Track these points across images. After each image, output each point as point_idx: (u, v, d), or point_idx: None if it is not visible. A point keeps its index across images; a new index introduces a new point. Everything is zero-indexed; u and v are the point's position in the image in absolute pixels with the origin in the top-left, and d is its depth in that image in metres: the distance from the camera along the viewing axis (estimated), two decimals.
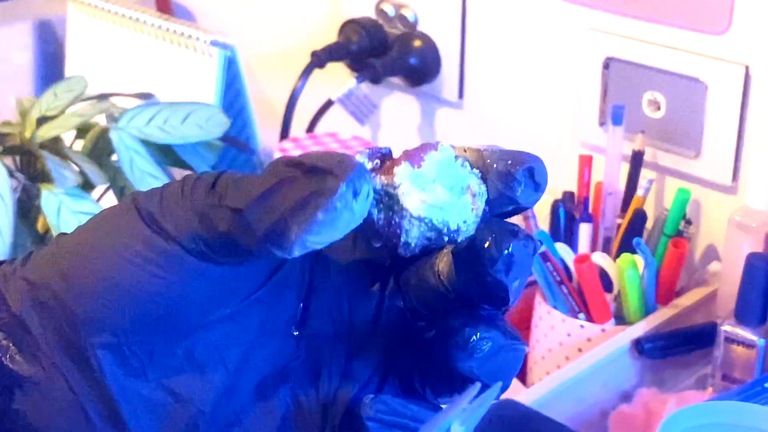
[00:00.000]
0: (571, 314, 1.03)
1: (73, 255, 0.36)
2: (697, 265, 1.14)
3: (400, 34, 1.33)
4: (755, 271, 0.93)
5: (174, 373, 0.37)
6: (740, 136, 1.08)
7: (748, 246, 0.99)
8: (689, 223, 1.09)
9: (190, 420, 0.37)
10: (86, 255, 0.36)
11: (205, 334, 0.37)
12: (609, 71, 1.15)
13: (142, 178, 0.98)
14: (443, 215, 0.36)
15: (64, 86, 1.06)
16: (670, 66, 1.10)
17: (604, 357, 0.97)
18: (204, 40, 1.28)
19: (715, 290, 1.07)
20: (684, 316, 1.04)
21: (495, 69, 1.28)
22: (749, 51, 1.05)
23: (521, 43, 1.24)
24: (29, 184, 1.00)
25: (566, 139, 1.23)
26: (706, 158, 1.10)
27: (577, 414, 0.95)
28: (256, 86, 1.43)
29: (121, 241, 0.35)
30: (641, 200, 1.08)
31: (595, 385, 0.97)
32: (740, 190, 1.09)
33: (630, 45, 1.13)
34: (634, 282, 1.01)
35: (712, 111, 1.08)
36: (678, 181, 1.13)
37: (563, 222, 1.09)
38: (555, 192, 1.15)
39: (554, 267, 1.02)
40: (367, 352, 0.39)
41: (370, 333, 0.40)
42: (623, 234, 1.08)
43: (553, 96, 1.23)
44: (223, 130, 1.04)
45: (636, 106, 1.13)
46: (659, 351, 1.00)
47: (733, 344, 0.94)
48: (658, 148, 1.14)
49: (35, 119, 1.02)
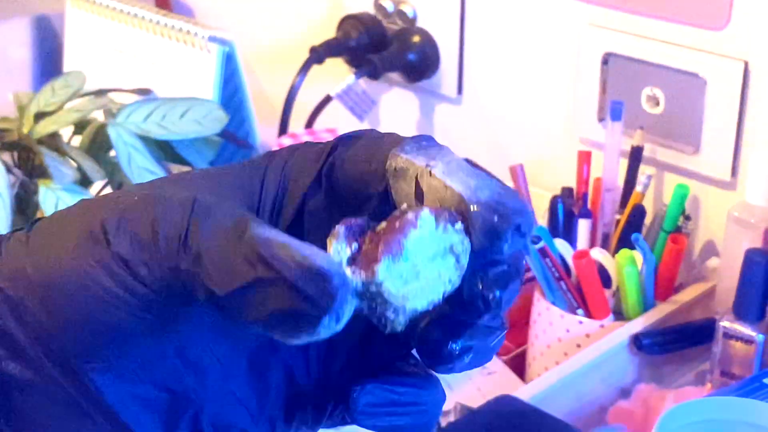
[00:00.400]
0: (569, 310, 1.03)
1: (49, 286, 0.36)
2: (695, 261, 1.14)
3: (399, 29, 1.33)
4: (754, 266, 0.93)
5: (167, 373, 0.37)
6: (739, 132, 1.08)
7: (746, 242, 0.99)
8: (688, 219, 1.09)
9: (189, 412, 0.38)
10: (64, 291, 0.36)
11: (192, 335, 0.37)
12: (608, 67, 1.15)
13: (140, 173, 0.98)
14: (429, 296, 0.35)
15: (62, 82, 1.06)
16: (669, 62, 1.10)
17: (603, 353, 0.97)
18: (202, 35, 1.28)
19: (714, 286, 1.07)
20: (683, 311, 1.04)
21: (494, 65, 1.28)
22: (748, 47, 1.05)
23: (520, 39, 1.24)
24: (27, 180, 1.00)
25: (565, 134, 1.23)
26: (705, 154, 1.10)
27: (575, 409, 0.95)
28: (254, 82, 1.43)
29: (100, 284, 0.35)
30: (640, 196, 1.08)
31: (594, 380, 0.97)
32: (739, 186, 1.09)
33: (629, 41, 1.13)
34: (633, 278, 1.01)
35: (711, 107, 1.08)
36: (677, 177, 1.13)
37: (562, 218, 1.09)
38: (554, 188, 1.15)
39: (553, 263, 1.02)
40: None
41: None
42: (622, 230, 1.07)
43: (551, 92, 1.23)
44: (221, 125, 1.04)
45: (635, 102, 1.13)
46: (658, 347, 1.00)
47: (732, 340, 0.94)
48: (657, 144, 1.14)
49: (33, 115, 1.02)
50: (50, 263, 0.36)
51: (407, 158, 0.37)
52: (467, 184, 0.36)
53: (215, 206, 0.36)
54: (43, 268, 0.36)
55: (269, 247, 0.33)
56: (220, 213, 0.35)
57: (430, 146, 0.38)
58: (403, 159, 0.37)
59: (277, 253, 0.33)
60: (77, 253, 0.36)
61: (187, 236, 0.35)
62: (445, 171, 0.36)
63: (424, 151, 0.37)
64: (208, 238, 0.34)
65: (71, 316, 0.36)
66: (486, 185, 0.36)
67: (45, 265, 0.36)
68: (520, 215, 0.36)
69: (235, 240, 0.34)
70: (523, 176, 1.09)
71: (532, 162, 1.20)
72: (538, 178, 1.22)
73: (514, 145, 1.28)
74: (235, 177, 0.39)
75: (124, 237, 0.35)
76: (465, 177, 0.36)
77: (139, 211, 0.35)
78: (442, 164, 0.36)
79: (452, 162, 0.37)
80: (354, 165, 0.38)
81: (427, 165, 0.36)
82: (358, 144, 0.39)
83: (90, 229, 0.36)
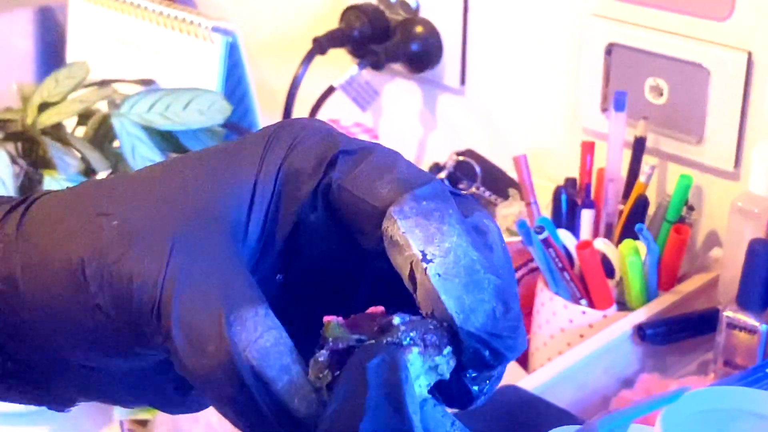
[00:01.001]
0: (572, 300, 1.03)
1: (32, 307, 0.37)
2: (699, 251, 1.14)
3: (402, 20, 1.33)
4: (757, 256, 0.93)
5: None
6: (742, 122, 1.08)
7: (750, 232, 0.99)
8: (691, 209, 1.09)
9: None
10: (47, 318, 0.37)
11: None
12: (611, 57, 1.15)
13: (144, 164, 0.98)
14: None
15: (66, 72, 1.06)
16: (672, 52, 1.10)
17: (606, 343, 0.98)
18: (205, 26, 1.28)
19: (717, 276, 1.07)
20: (686, 302, 1.04)
21: (497, 55, 1.28)
22: (752, 37, 1.05)
23: (523, 30, 1.24)
24: (31, 170, 1.00)
25: (568, 125, 1.23)
26: (709, 144, 1.10)
27: (578, 400, 0.95)
28: (257, 72, 1.43)
29: (92, 334, 0.36)
30: (643, 186, 1.08)
31: (597, 370, 0.97)
32: (742, 176, 1.09)
33: (632, 31, 1.13)
34: (636, 268, 1.01)
35: (714, 97, 1.08)
36: (680, 167, 1.13)
37: (565, 208, 1.09)
38: (557, 178, 1.15)
39: (556, 253, 1.02)
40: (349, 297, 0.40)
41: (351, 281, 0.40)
42: (625, 220, 1.08)
43: (555, 82, 1.23)
44: (224, 116, 1.04)
45: (638, 92, 1.13)
46: (661, 337, 1.00)
47: (735, 330, 0.94)
48: (660, 135, 1.14)
49: (37, 105, 1.02)
50: (37, 289, 0.37)
51: (404, 234, 0.36)
52: (461, 304, 0.35)
53: (193, 261, 0.35)
54: (32, 290, 0.37)
55: (244, 369, 0.33)
56: (198, 274, 0.35)
57: (431, 213, 0.36)
58: (399, 233, 0.36)
59: (253, 382, 0.34)
60: (62, 290, 0.36)
61: (159, 308, 0.35)
62: (441, 274, 0.35)
63: (423, 220, 0.36)
64: (178, 321, 0.34)
65: (52, 344, 0.37)
66: (480, 305, 0.35)
67: (33, 286, 0.37)
68: (512, 351, 0.36)
69: (210, 337, 0.34)
70: (526, 167, 1.09)
71: (536, 152, 1.20)
72: (541, 168, 1.22)
73: (518, 136, 1.28)
74: (228, 168, 0.38)
75: (102, 288, 0.36)
76: (460, 288, 0.35)
77: (117, 253, 0.35)
78: (439, 258, 0.36)
79: (450, 254, 0.36)
80: (350, 196, 0.37)
81: (424, 255, 0.36)
82: (358, 172, 0.38)
83: (71, 267, 0.36)
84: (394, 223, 0.36)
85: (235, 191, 0.37)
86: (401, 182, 0.37)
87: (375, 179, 0.37)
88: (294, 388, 0.34)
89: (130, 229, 0.35)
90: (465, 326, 0.35)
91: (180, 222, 0.35)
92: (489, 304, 0.35)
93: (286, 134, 0.38)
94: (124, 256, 0.35)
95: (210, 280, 0.34)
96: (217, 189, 0.37)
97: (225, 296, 0.34)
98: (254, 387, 0.33)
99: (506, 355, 0.36)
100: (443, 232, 0.36)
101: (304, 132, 0.38)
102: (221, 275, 0.35)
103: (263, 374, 0.33)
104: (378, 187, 0.37)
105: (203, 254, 0.35)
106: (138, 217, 0.36)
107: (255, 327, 0.34)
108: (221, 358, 0.33)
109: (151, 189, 0.37)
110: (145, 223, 0.35)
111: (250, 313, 0.34)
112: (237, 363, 0.33)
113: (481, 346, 0.35)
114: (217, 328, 0.34)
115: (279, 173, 0.38)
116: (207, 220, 0.36)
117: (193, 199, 0.36)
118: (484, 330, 0.35)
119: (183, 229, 0.35)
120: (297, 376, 0.34)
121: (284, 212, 0.38)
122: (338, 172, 0.38)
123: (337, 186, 0.37)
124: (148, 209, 0.36)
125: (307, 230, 0.39)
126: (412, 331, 0.35)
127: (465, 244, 0.36)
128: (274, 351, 0.34)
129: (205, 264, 0.35)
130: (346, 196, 0.37)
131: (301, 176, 0.38)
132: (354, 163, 0.38)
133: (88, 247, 0.36)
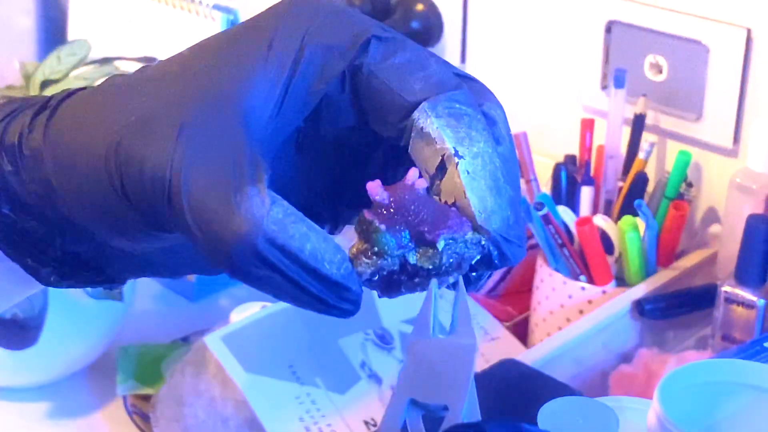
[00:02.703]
0: (572, 276, 1.04)
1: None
2: (697, 228, 1.15)
3: None
4: (755, 232, 0.93)
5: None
6: (741, 99, 1.08)
7: (748, 208, 1.00)
8: (690, 186, 1.10)
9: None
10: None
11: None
12: (611, 34, 1.15)
13: None
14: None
15: (68, 50, 1.06)
16: (672, 29, 1.10)
17: (605, 318, 0.98)
18: (207, 3, 1.28)
19: (716, 252, 1.07)
20: (685, 277, 1.05)
21: (497, 33, 1.28)
22: (751, 13, 1.06)
23: (523, 7, 1.24)
24: None
25: (568, 102, 1.23)
26: (708, 121, 1.11)
27: (577, 374, 0.96)
28: None
29: (121, 220, 0.38)
30: (642, 163, 1.09)
31: (596, 346, 0.98)
32: (741, 153, 1.10)
33: (632, 8, 1.13)
34: (635, 244, 1.02)
35: (713, 74, 1.09)
36: (679, 144, 1.13)
37: (565, 185, 1.09)
38: (557, 155, 1.15)
39: (556, 230, 1.02)
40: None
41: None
42: (624, 197, 1.08)
43: (555, 60, 1.23)
44: None
45: (638, 70, 1.14)
46: (660, 312, 1.01)
47: (733, 305, 0.95)
48: (659, 111, 1.14)
49: (39, 83, 1.02)
50: (71, 187, 0.38)
51: (437, 129, 0.38)
52: (484, 204, 0.37)
53: (201, 143, 0.36)
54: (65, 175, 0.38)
55: (261, 244, 0.34)
56: (205, 156, 0.35)
57: (461, 117, 0.38)
58: (433, 127, 0.38)
59: (278, 255, 0.34)
60: (92, 185, 0.38)
61: (171, 192, 0.36)
62: (469, 172, 0.37)
63: (455, 122, 0.38)
64: (188, 203, 0.35)
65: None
66: (499, 210, 0.37)
67: (67, 186, 0.38)
68: (516, 257, 0.38)
69: (220, 217, 0.34)
70: (526, 144, 1.09)
71: (536, 130, 1.21)
72: (541, 145, 1.22)
73: (518, 113, 1.28)
74: (241, 46, 0.38)
75: (121, 176, 0.37)
76: (485, 190, 0.37)
77: (130, 141, 0.36)
78: (469, 158, 0.37)
79: (478, 157, 0.37)
80: (381, 84, 0.38)
81: (456, 151, 0.37)
82: (392, 63, 0.38)
83: (97, 164, 0.37)
84: (428, 118, 0.37)
85: (248, 70, 0.37)
86: (435, 82, 0.38)
87: (408, 74, 0.38)
88: (320, 253, 0.34)
89: (144, 119, 0.37)
90: (485, 225, 0.37)
91: (190, 107, 0.36)
92: (505, 212, 0.37)
93: (300, 10, 0.38)
94: (136, 143, 0.36)
95: (217, 160, 0.35)
96: (230, 69, 0.37)
97: (232, 175, 0.35)
98: (277, 259, 0.34)
99: (511, 260, 0.38)
100: (471, 137, 0.38)
101: (326, 9, 0.38)
102: (228, 155, 0.35)
103: (286, 246, 0.34)
104: (411, 82, 0.38)
105: (212, 136, 0.36)
106: (152, 106, 0.37)
107: (262, 202, 0.34)
108: (236, 236, 0.34)
109: (166, 79, 0.38)
110: (158, 111, 0.37)
111: (254, 191, 0.35)
112: (254, 238, 0.34)
113: (494, 247, 0.37)
114: (225, 207, 0.34)
115: (301, 48, 0.38)
116: (218, 102, 0.36)
117: (207, 84, 0.37)
118: (499, 233, 0.37)
119: (193, 113, 0.36)
120: (318, 241, 0.35)
121: (311, 87, 0.38)
122: (371, 58, 0.38)
123: (368, 71, 0.38)
124: (161, 98, 0.37)
125: (330, 108, 0.39)
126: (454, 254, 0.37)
127: (491, 150, 0.38)
128: (288, 221, 0.34)
129: (213, 145, 0.35)
130: (377, 83, 0.38)
131: (333, 52, 0.38)
132: (387, 51, 0.38)
133: (110, 140, 0.37)
